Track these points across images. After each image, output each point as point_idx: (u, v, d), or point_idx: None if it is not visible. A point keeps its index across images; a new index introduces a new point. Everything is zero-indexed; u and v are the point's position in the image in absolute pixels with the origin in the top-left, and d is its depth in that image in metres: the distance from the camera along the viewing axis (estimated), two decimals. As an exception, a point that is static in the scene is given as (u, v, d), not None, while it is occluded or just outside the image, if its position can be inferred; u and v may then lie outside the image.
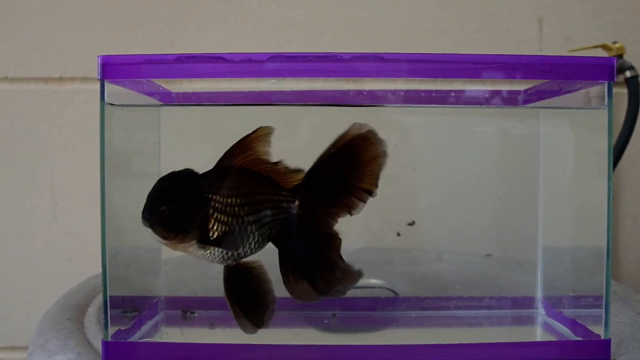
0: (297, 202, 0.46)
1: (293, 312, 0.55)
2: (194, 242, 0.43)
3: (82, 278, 0.64)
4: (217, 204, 0.43)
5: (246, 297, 0.44)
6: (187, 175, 0.44)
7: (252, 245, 0.45)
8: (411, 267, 0.60)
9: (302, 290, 0.45)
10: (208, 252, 0.43)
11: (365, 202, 0.47)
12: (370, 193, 0.46)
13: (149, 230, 0.42)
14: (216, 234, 0.43)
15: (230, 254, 0.44)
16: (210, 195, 0.43)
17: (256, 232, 0.44)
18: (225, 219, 0.43)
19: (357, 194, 0.46)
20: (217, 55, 0.43)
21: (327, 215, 0.47)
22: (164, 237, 0.42)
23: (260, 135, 0.44)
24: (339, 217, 0.47)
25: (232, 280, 0.45)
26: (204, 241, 0.43)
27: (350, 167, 0.46)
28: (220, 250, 0.43)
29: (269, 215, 0.45)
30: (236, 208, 0.43)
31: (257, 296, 0.45)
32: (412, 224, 0.57)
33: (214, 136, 0.53)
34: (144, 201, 0.43)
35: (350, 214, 0.47)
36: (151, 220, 0.42)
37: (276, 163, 0.45)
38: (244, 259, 0.45)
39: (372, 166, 0.46)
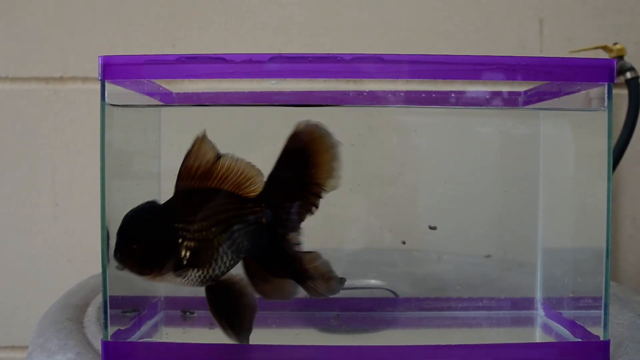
0: (262, 211, 0.46)
1: (293, 312, 0.55)
2: (170, 272, 0.43)
3: (83, 278, 0.64)
4: (185, 232, 0.43)
5: (231, 313, 0.45)
6: (151, 208, 0.43)
7: (228, 263, 0.45)
8: (411, 268, 0.60)
9: (275, 291, 0.46)
10: (185, 278, 0.44)
11: (321, 197, 0.46)
12: (326, 187, 0.46)
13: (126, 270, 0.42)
14: (190, 261, 0.43)
15: (207, 276, 0.44)
16: (177, 225, 0.43)
17: (228, 250, 0.44)
18: (196, 244, 0.43)
19: (314, 190, 0.46)
20: (217, 55, 0.43)
21: (292, 217, 0.46)
22: (140, 274, 0.43)
23: (201, 147, 0.43)
24: (304, 216, 0.47)
25: (214, 299, 0.45)
26: (180, 270, 0.43)
27: (305, 166, 0.45)
28: (198, 274, 0.44)
29: (238, 230, 0.45)
30: (204, 232, 0.43)
31: (240, 311, 0.45)
32: (433, 228, 0.57)
33: (214, 136, 0.53)
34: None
35: (312, 212, 0.46)
36: (124, 260, 0.42)
37: (221, 156, 0.44)
38: (222, 277, 0.45)
39: (324, 160, 0.46)
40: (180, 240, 0.43)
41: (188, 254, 0.43)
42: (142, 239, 0.42)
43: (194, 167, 0.43)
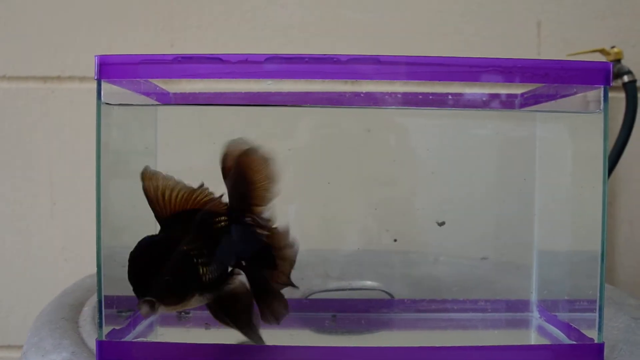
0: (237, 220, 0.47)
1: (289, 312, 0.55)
2: (196, 295, 0.43)
3: (80, 277, 0.64)
4: (196, 252, 0.43)
5: (236, 314, 0.45)
6: (158, 240, 0.43)
7: (227, 272, 0.46)
8: (408, 270, 0.60)
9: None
10: (204, 296, 0.44)
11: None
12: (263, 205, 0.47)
13: (159, 307, 0.41)
14: (209, 278, 0.44)
15: (219, 287, 0.45)
16: (186, 247, 0.43)
17: (227, 261, 0.46)
18: (208, 260, 0.44)
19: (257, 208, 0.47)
20: (214, 55, 0.43)
21: (258, 225, 0.47)
22: (175, 304, 0.42)
23: (152, 179, 0.44)
24: (269, 223, 0.47)
25: (219, 306, 0.46)
26: (204, 290, 0.44)
27: (241, 186, 0.46)
28: (213, 289, 0.44)
29: (228, 240, 0.46)
30: (210, 247, 0.44)
31: (245, 310, 0.46)
32: (442, 223, 0.57)
33: (211, 136, 0.53)
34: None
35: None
36: (159, 295, 0.41)
37: (199, 187, 0.45)
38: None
39: (257, 180, 0.46)
40: (196, 261, 0.43)
41: (206, 270, 0.43)
42: (170, 269, 0.42)
43: (161, 196, 0.44)
